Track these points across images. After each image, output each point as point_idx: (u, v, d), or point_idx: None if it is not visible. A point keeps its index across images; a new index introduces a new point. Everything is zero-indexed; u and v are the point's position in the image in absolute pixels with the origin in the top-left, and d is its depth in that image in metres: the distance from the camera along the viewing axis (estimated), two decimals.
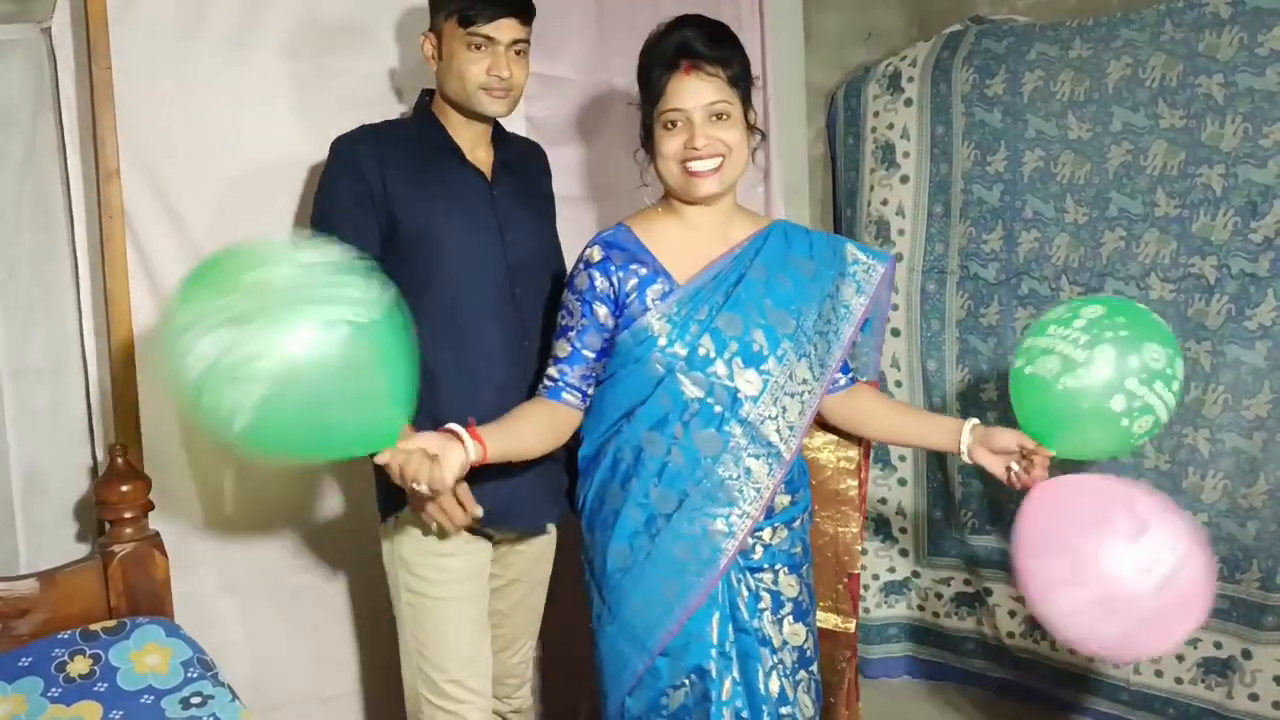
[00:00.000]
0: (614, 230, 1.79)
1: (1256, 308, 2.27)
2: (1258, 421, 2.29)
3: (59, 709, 1.58)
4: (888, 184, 2.86)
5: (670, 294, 1.73)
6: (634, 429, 1.75)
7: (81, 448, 2.01)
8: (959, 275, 2.74)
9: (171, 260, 2.01)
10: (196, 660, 1.70)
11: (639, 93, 1.76)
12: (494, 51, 1.80)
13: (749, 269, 1.76)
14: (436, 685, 1.87)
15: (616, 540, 1.75)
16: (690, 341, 1.71)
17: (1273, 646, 2.29)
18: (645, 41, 1.75)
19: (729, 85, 1.70)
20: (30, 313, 1.95)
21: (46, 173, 1.95)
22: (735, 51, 1.72)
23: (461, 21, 1.78)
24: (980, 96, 2.67)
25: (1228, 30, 2.28)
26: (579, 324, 1.75)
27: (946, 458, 2.76)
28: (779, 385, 1.74)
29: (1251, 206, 2.27)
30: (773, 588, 1.78)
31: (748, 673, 1.75)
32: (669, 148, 1.70)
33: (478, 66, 1.79)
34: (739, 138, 1.71)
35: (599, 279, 1.73)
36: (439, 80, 1.86)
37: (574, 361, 1.75)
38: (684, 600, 1.72)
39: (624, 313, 1.73)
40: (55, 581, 1.76)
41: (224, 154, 2.05)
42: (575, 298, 1.75)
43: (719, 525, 1.73)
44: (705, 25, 1.73)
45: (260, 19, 2.07)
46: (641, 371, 1.73)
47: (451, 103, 1.86)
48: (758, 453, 1.74)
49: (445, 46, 1.82)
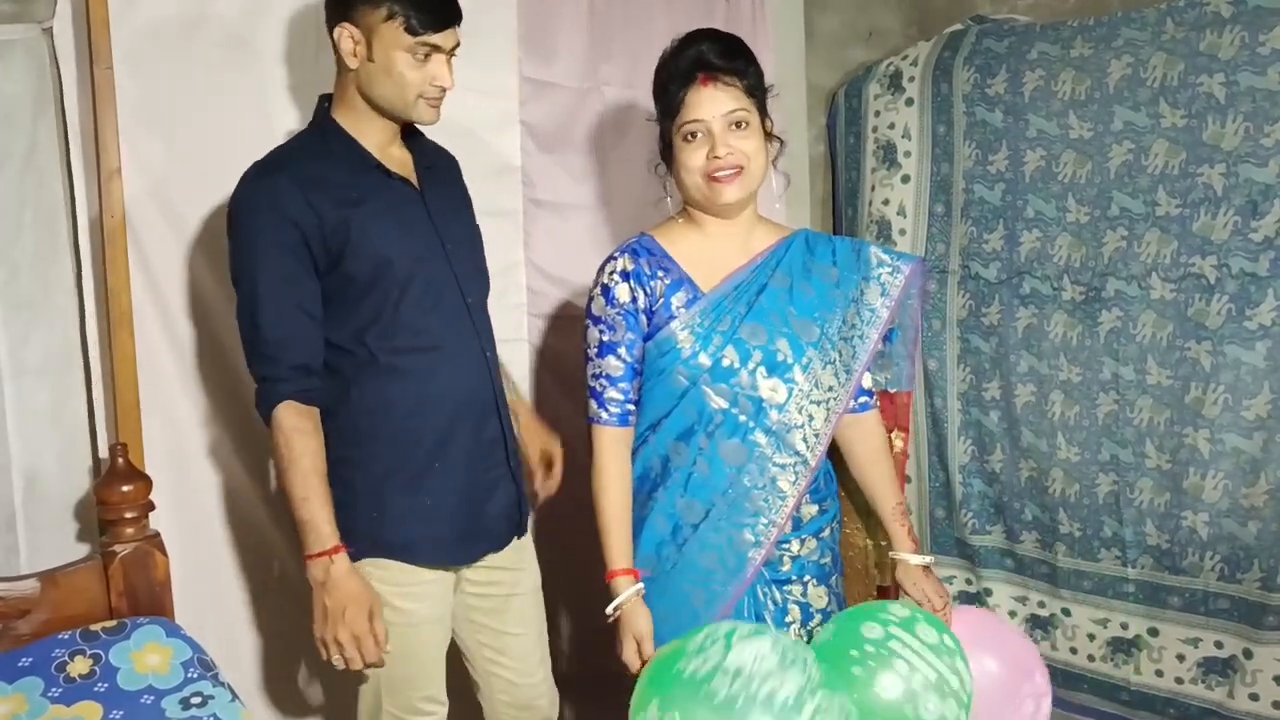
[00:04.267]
0: (638, 239, 1.80)
1: (1257, 307, 2.27)
2: (1258, 421, 2.28)
3: (59, 709, 1.58)
4: (889, 184, 2.86)
5: (694, 302, 1.73)
6: (660, 439, 1.75)
7: (82, 448, 2.02)
8: (960, 275, 2.74)
9: (172, 260, 2.01)
10: (197, 660, 1.70)
11: (655, 108, 1.77)
12: (437, 60, 1.71)
13: (771, 278, 1.76)
14: (410, 702, 1.83)
15: (643, 549, 1.76)
16: (714, 353, 1.71)
17: (1274, 646, 2.29)
18: (660, 57, 1.76)
19: (746, 95, 1.72)
20: (31, 313, 1.96)
21: (48, 173, 1.95)
22: (750, 62, 1.74)
23: (409, 29, 1.66)
24: (981, 96, 2.67)
25: (1229, 29, 2.27)
26: (625, 338, 1.73)
27: (948, 457, 2.76)
28: (804, 393, 1.74)
29: (1252, 206, 2.27)
30: (802, 600, 1.78)
31: None
32: (692, 161, 1.71)
33: (420, 74, 1.70)
34: (758, 146, 1.72)
35: (637, 290, 1.73)
36: (361, 79, 1.71)
37: (629, 377, 1.75)
38: (712, 609, 1.72)
39: (652, 321, 1.73)
40: (56, 582, 1.76)
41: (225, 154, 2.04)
42: (616, 311, 1.73)
43: (746, 535, 1.73)
44: (719, 38, 1.75)
45: (260, 19, 2.07)
46: (666, 383, 1.74)
47: (376, 106, 1.74)
48: (784, 462, 1.74)
49: (378, 48, 1.68)
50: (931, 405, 2.78)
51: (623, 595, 1.70)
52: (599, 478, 1.76)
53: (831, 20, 3.05)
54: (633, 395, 1.76)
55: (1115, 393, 2.48)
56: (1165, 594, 2.46)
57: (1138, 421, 2.45)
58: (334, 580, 1.64)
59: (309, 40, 2.12)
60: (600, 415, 1.76)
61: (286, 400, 1.66)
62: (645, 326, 1.74)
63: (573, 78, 2.49)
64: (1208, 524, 2.36)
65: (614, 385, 1.75)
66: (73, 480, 2.01)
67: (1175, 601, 2.44)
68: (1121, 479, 2.48)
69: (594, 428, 1.78)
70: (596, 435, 1.78)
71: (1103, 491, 2.51)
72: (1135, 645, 2.52)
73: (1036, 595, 2.68)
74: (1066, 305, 2.55)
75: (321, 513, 1.65)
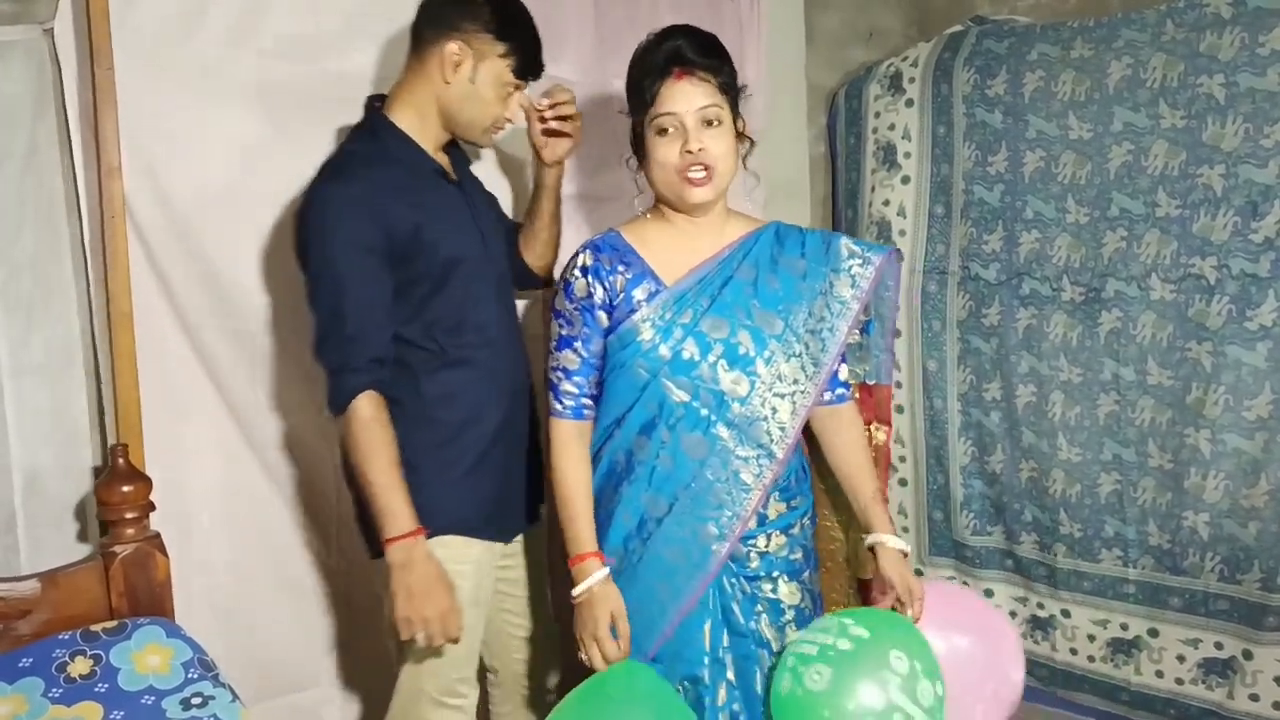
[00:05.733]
0: (603, 235, 1.81)
1: (1257, 308, 2.27)
2: (1259, 422, 2.28)
3: (60, 710, 1.57)
4: (889, 184, 2.86)
5: (656, 295, 1.73)
6: (625, 434, 1.76)
7: (82, 448, 2.01)
8: (960, 276, 2.74)
9: (173, 260, 2.01)
10: (197, 661, 1.70)
11: (628, 100, 1.77)
12: (517, 97, 1.91)
13: (736, 271, 1.77)
14: (449, 684, 1.90)
15: (610, 543, 1.76)
16: (674, 345, 1.72)
17: (1274, 647, 2.29)
18: (635, 51, 1.76)
19: (720, 92, 1.73)
20: (32, 312, 1.95)
21: (49, 172, 1.95)
22: (725, 60, 1.75)
23: (518, 71, 1.87)
24: (981, 97, 2.67)
25: (1229, 30, 2.28)
26: (582, 332, 1.75)
27: (948, 459, 2.76)
28: (767, 386, 1.74)
29: (1252, 207, 2.27)
30: (771, 596, 1.78)
31: (745, 675, 1.75)
32: (665, 155, 1.71)
33: (502, 107, 1.89)
34: (729, 147, 1.73)
35: (595, 286, 1.74)
36: (450, 93, 1.84)
37: (585, 372, 1.77)
38: (678, 601, 1.72)
39: (613, 315, 1.74)
40: (56, 582, 1.76)
41: (225, 154, 2.05)
42: (574, 306, 1.75)
43: (710, 529, 1.73)
44: (695, 34, 1.75)
45: (261, 20, 2.07)
46: (628, 376, 1.74)
47: (451, 120, 1.88)
48: (746, 454, 1.74)
49: (483, 73, 1.84)
50: (931, 406, 2.78)
51: (591, 577, 1.71)
52: (557, 467, 1.80)
53: (831, 20, 3.05)
54: (588, 390, 1.77)
55: (1116, 393, 2.48)
56: (1165, 595, 2.46)
57: (1139, 422, 2.45)
58: (415, 561, 1.72)
59: (309, 41, 2.12)
60: (555, 408, 1.80)
61: (365, 391, 1.74)
62: (605, 321, 1.74)
63: (578, 75, 2.50)
64: (1208, 524, 2.36)
65: (569, 379, 1.78)
66: (73, 480, 2.01)
67: (1175, 602, 2.45)
68: (1125, 478, 2.48)
69: (550, 420, 1.82)
70: (553, 428, 1.82)
71: (1105, 491, 2.51)
72: (1135, 646, 2.52)
73: (1036, 596, 2.68)
74: (1066, 306, 2.55)
75: (401, 498, 1.74)
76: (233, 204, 2.05)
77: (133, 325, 1.88)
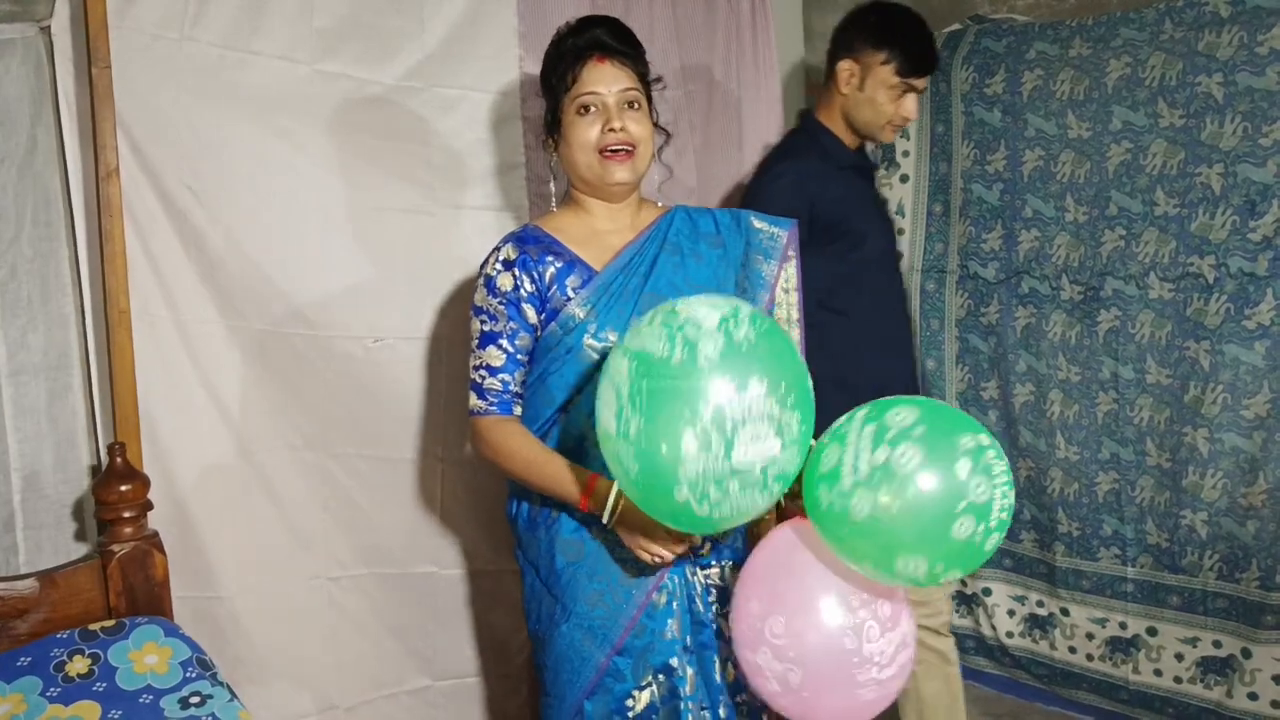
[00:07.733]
0: (523, 229, 1.80)
1: (1255, 307, 2.27)
2: (1257, 421, 2.29)
3: (58, 709, 1.58)
4: (887, 183, 2.86)
5: (589, 281, 1.73)
6: (573, 419, 1.72)
7: (81, 447, 2.01)
8: (959, 274, 2.74)
9: (171, 260, 2.01)
10: (195, 660, 1.70)
11: (545, 84, 1.78)
12: (910, 97, 2.17)
13: (661, 250, 1.78)
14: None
15: (564, 534, 1.73)
16: (620, 326, 1.71)
17: (1272, 646, 2.29)
18: (554, 37, 1.78)
19: (638, 79, 1.75)
20: (30, 312, 1.95)
21: (46, 172, 1.95)
22: (642, 51, 1.78)
23: (902, 71, 2.13)
24: (980, 95, 2.67)
25: (1227, 29, 2.28)
26: (507, 328, 1.72)
27: None
28: None
29: (1250, 206, 2.27)
30: (719, 583, 1.78)
31: (704, 664, 1.75)
32: (586, 135, 1.72)
33: (894, 107, 2.16)
34: (649, 131, 1.76)
35: (522, 278, 1.72)
36: (849, 103, 2.20)
37: (511, 368, 1.72)
38: (643, 585, 1.70)
39: (547, 306, 1.72)
40: (54, 581, 1.76)
41: (223, 153, 2.04)
42: (498, 300, 1.72)
43: None
44: (615, 24, 1.78)
45: (259, 20, 2.07)
46: (575, 361, 1.72)
47: (853, 125, 2.22)
48: None
49: (869, 82, 2.16)
50: None
51: (611, 497, 1.60)
52: (505, 449, 1.70)
53: (831, 20, 3.01)
54: (514, 386, 1.72)
55: (1114, 392, 2.48)
56: (1164, 593, 2.46)
57: (1137, 420, 2.46)
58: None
59: (307, 42, 2.12)
60: (479, 406, 1.72)
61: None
62: (533, 316, 1.72)
63: None
64: (1206, 523, 2.36)
65: (494, 375, 1.71)
66: (71, 480, 2.01)
67: (1174, 601, 2.45)
68: (1123, 477, 2.48)
69: (473, 420, 1.73)
70: (477, 426, 1.73)
71: (1103, 490, 2.51)
72: (1134, 644, 2.52)
73: (1035, 595, 2.68)
74: (1065, 305, 2.55)
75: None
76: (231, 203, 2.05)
77: (131, 325, 1.88)
